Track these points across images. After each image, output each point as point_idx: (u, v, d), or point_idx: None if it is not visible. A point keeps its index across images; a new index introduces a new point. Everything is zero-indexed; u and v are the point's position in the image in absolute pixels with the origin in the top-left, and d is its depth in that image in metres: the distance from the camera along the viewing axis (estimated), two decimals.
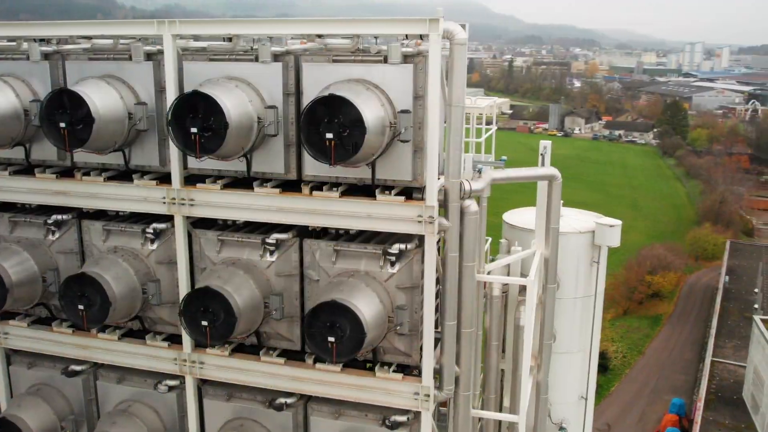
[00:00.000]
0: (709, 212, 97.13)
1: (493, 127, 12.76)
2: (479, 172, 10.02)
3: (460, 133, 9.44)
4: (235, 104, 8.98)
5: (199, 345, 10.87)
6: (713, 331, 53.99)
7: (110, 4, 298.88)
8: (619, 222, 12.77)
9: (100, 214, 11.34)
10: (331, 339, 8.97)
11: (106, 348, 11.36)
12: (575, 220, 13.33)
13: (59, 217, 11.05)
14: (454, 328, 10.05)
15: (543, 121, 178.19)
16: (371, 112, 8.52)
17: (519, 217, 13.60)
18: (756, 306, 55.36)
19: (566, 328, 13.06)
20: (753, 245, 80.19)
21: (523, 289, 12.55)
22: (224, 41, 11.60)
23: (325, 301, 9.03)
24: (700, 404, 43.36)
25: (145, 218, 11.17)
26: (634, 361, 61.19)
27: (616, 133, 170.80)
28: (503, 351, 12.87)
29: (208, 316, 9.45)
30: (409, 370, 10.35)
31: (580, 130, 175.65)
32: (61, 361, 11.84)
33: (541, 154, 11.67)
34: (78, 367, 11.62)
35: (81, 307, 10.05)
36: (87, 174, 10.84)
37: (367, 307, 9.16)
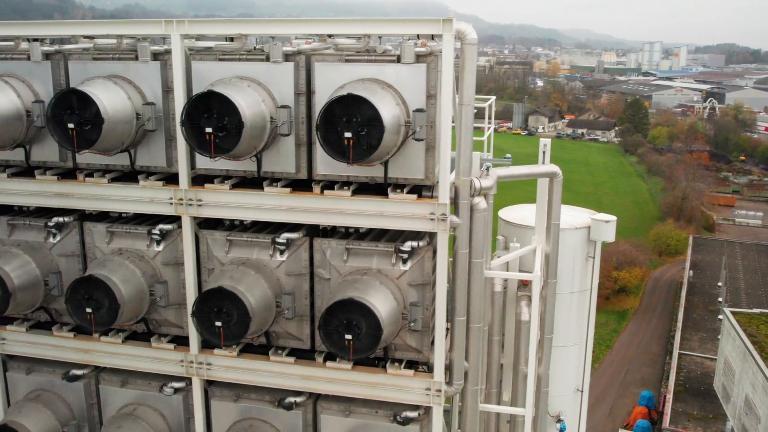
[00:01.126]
0: (671, 208, 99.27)
1: (492, 126, 12.97)
2: (487, 170, 10.19)
3: (471, 132, 9.59)
4: (249, 104, 8.98)
5: (206, 346, 10.83)
6: (680, 325, 55.32)
7: (68, 4, 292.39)
8: (614, 218, 13.08)
9: (101, 216, 11.23)
10: (348, 336, 9.04)
11: (109, 351, 11.23)
12: (570, 216, 13.59)
13: (60, 219, 10.89)
14: (465, 323, 10.20)
15: (507, 120, 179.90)
16: (388, 111, 8.61)
17: (515, 213, 13.84)
18: (720, 299, 56.84)
19: (563, 322, 13.30)
20: (715, 240, 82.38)
21: (522, 284, 12.78)
22: (225, 41, 11.60)
23: (342, 299, 9.09)
24: (670, 396, 44.43)
25: (147, 220, 11.11)
26: (603, 356, 62.25)
27: (579, 131, 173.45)
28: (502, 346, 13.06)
29: (222, 317, 9.43)
30: (416, 366, 10.46)
31: (543, 128, 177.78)
32: (60, 365, 11.68)
33: (542, 152, 11.91)
34: (79, 372, 11.45)
35: (89, 310, 9.93)
36: (90, 175, 10.71)
37: (382, 304, 9.25)
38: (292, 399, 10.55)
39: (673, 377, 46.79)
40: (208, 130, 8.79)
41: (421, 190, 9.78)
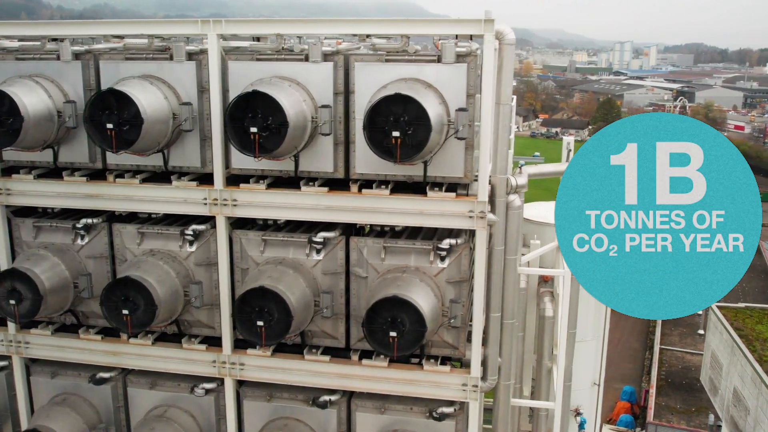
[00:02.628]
0: None
1: (513, 125, 13.12)
2: (521, 168, 10.36)
3: (507, 130, 9.74)
4: (291, 103, 9.02)
5: (239, 346, 10.83)
6: (659, 320, 56.22)
7: (35, 4, 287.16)
8: None
9: (129, 218, 11.16)
10: (393, 334, 9.11)
11: (138, 353, 11.15)
12: None
13: (89, 220, 10.80)
14: (500, 319, 10.35)
15: None
16: (433, 110, 8.71)
17: (533, 211, 14.01)
18: None
19: (581, 317, 13.47)
20: None
21: (542, 280, 12.97)
22: (253, 41, 11.61)
23: (387, 297, 9.17)
24: (653, 390, 45.17)
25: (177, 221, 11.07)
26: None
27: (553, 130, 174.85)
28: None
29: (264, 316, 9.45)
30: (447, 361, 10.55)
31: (518, 128, 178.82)
32: (85, 368, 11.58)
33: (567, 150, 12.11)
34: (106, 374, 11.36)
35: (126, 312, 9.87)
36: (120, 176, 10.64)
37: (424, 301, 9.35)
38: (326, 397, 10.59)
39: (655, 372, 47.56)
40: (253, 130, 8.81)
41: (456, 187, 9.89)
